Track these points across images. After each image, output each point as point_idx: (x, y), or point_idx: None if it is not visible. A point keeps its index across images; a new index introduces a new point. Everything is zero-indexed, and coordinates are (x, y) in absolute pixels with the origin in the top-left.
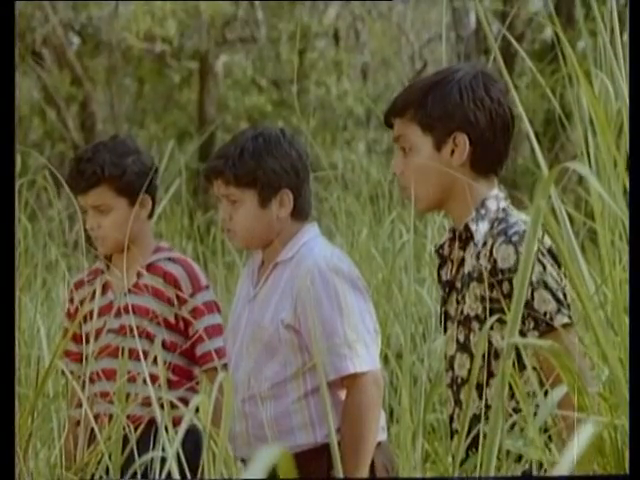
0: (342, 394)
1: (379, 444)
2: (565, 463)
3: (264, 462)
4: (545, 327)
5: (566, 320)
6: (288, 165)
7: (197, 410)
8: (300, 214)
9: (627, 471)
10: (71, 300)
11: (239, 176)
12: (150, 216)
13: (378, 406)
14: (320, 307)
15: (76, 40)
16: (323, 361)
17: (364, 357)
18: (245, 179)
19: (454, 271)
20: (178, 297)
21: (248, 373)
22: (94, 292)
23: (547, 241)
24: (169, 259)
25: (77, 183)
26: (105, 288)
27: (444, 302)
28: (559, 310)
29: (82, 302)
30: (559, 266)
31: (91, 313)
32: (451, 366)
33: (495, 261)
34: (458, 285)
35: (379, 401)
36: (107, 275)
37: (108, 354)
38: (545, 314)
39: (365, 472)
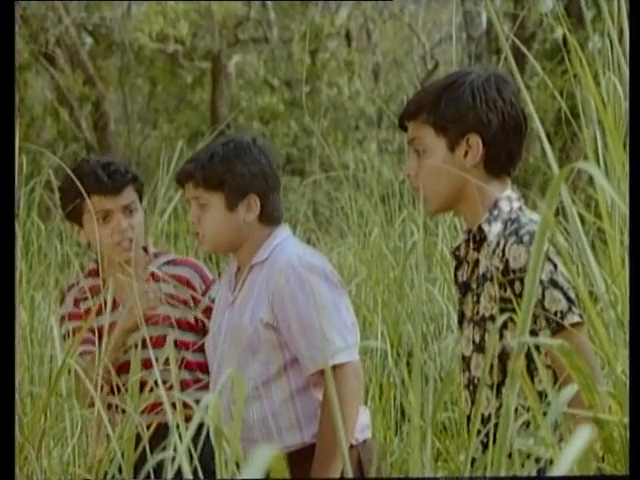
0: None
1: (365, 442)
2: (563, 464)
3: (259, 463)
4: (556, 326)
5: (577, 319)
6: (257, 171)
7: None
8: (268, 219)
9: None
10: (77, 305)
11: (207, 179)
12: None
13: (357, 397)
14: (295, 303)
15: (89, 40)
16: (301, 356)
17: (341, 349)
18: (213, 182)
19: (469, 272)
20: (193, 297)
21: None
22: (99, 306)
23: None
24: (169, 262)
25: (107, 185)
26: (114, 304)
27: (461, 303)
28: (570, 309)
29: (89, 313)
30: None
31: (100, 330)
32: (468, 367)
33: (507, 261)
34: (473, 286)
35: (358, 393)
36: (111, 290)
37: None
38: (556, 313)
39: (341, 463)
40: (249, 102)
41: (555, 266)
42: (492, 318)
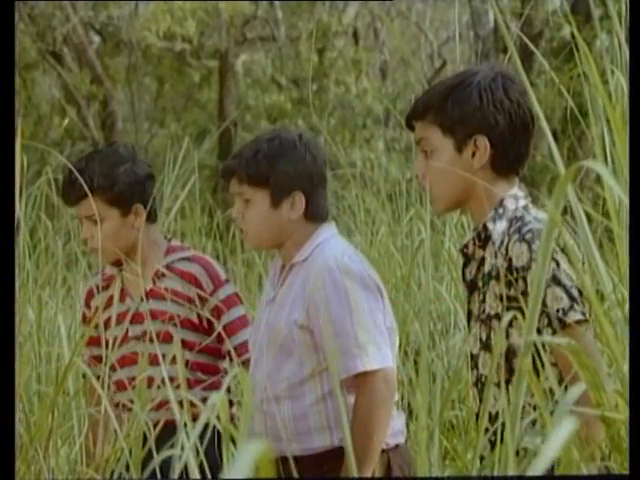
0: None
1: (397, 447)
2: (546, 455)
3: (247, 459)
4: (558, 324)
5: (579, 317)
6: (301, 168)
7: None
8: (313, 217)
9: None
10: (88, 305)
11: (252, 176)
12: (152, 221)
13: (388, 405)
14: (330, 307)
15: (96, 39)
16: (334, 360)
17: (374, 356)
18: (258, 179)
19: (475, 270)
20: (199, 296)
21: (266, 374)
22: (110, 298)
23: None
24: (184, 259)
25: (68, 195)
26: (122, 294)
27: (468, 302)
28: (572, 307)
29: (98, 309)
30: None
31: (109, 320)
32: (475, 365)
33: (510, 259)
34: (479, 284)
35: (390, 400)
36: (123, 281)
37: (132, 362)
38: (558, 311)
39: (370, 470)
40: (256, 100)
41: (558, 264)
42: (497, 316)
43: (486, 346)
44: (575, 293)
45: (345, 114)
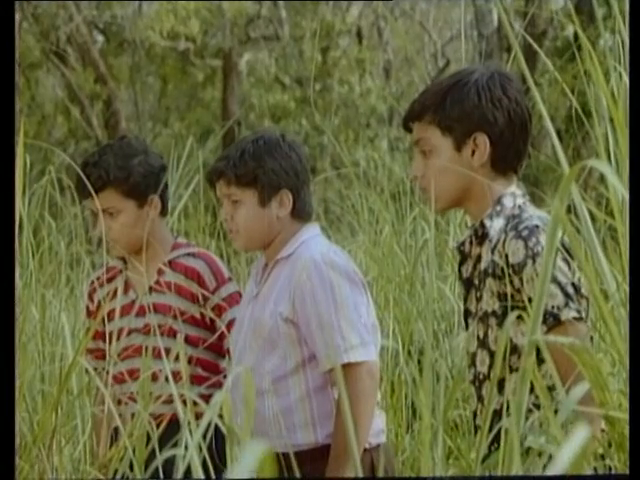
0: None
1: (379, 446)
2: (558, 464)
3: (249, 461)
4: (552, 321)
5: (574, 314)
6: (288, 166)
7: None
8: (300, 214)
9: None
10: (91, 298)
11: (240, 176)
12: (164, 214)
13: (372, 398)
14: (315, 300)
15: (100, 38)
16: (318, 353)
17: (358, 348)
18: (245, 179)
19: (472, 268)
20: (202, 292)
21: (250, 368)
22: (115, 291)
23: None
24: (189, 254)
25: (83, 188)
26: (126, 287)
27: (465, 300)
28: (567, 304)
29: (102, 301)
30: (569, 261)
31: (113, 312)
32: (473, 363)
33: (507, 256)
34: (476, 282)
35: (373, 393)
36: (127, 274)
37: (133, 354)
38: (553, 308)
39: (355, 465)
40: (260, 100)
41: None
42: (494, 314)
43: (483, 344)
44: (570, 290)
45: (349, 113)
